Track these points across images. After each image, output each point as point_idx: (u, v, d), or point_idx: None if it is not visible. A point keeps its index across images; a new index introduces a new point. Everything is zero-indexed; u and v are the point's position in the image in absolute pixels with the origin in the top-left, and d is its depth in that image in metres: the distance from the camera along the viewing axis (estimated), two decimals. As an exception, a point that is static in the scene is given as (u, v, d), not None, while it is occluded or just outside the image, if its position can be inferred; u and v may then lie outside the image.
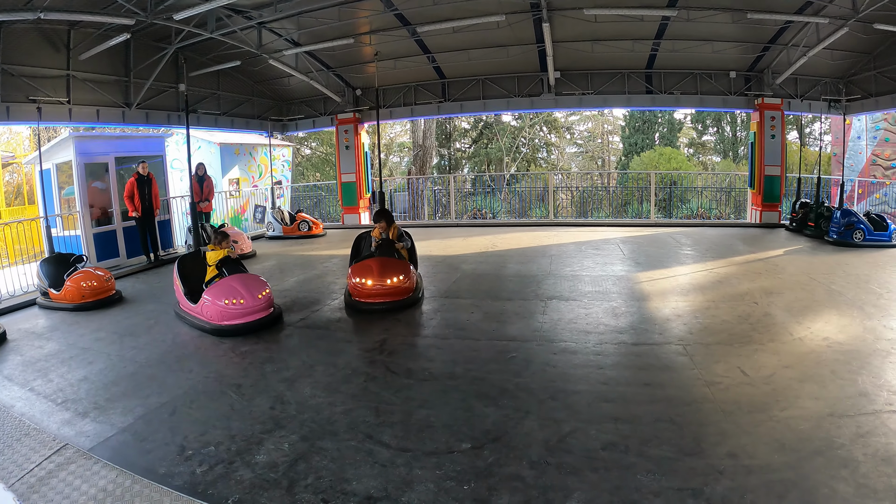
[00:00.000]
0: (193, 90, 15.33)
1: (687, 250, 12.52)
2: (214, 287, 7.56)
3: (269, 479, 3.82)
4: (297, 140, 33.42)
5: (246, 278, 7.79)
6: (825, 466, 3.83)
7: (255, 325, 7.31)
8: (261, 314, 7.47)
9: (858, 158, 20.39)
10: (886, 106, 15.23)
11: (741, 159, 32.65)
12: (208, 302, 7.43)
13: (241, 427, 4.59)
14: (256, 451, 4.19)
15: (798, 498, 3.49)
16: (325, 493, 3.66)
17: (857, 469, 3.77)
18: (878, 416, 4.51)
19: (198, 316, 7.59)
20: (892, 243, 12.39)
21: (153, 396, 5.23)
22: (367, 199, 18.74)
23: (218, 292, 7.44)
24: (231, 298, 7.32)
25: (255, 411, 4.90)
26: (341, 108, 17.99)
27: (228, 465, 4.00)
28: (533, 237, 14.80)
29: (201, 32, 12.15)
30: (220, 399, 5.18)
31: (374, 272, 8.18)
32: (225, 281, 7.62)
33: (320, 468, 3.95)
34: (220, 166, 18.48)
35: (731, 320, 7.28)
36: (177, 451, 4.21)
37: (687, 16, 12.82)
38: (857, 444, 4.10)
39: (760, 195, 16.37)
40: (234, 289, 7.45)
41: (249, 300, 7.39)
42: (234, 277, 7.69)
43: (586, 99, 16.88)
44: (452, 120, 34.58)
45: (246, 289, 7.51)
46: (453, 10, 12.84)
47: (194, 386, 5.50)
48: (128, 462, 4.06)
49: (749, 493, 3.54)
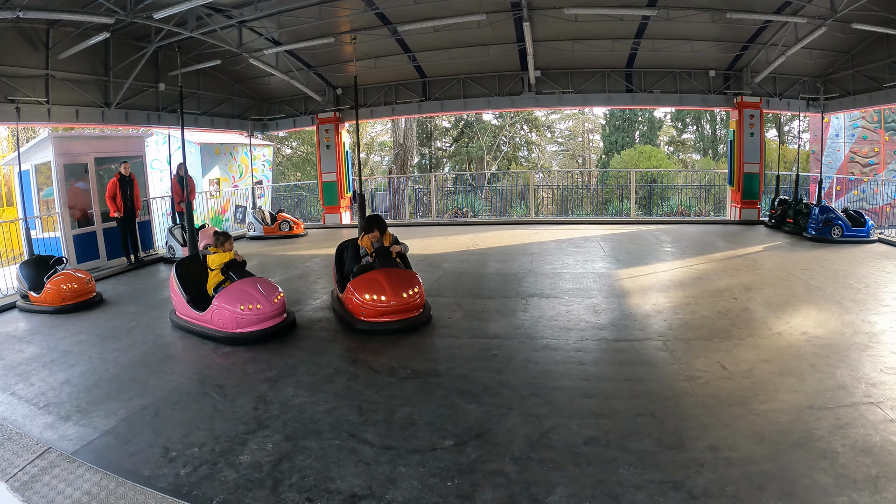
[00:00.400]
0: (173, 89, 15.21)
1: (667, 247, 12.63)
2: (227, 292, 7.04)
3: (253, 479, 3.82)
4: (278, 139, 33.32)
5: (259, 282, 7.34)
6: (805, 458, 3.89)
7: (271, 332, 6.89)
8: (276, 319, 7.07)
9: (837, 156, 20.62)
10: (864, 104, 15.45)
11: (721, 157, 32.90)
12: (220, 308, 6.90)
13: (225, 428, 4.58)
14: (240, 452, 4.18)
15: (778, 489, 3.54)
16: (309, 492, 3.67)
17: (837, 460, 3.84)
18: (857, 408, 4.59)
19: (205, 325, 7.06)
20: (870, 239, 12.60)
21: (136, 398, 5.20)
22: (348, 199, 18.72)
23: (231, 297, 6.93)
24: (247, 303, 6.85)
25: (238, 412, 4.89)
26: (322, 107, 17.95)
27: (212, 465, 3.99)
28: (514, 235, 14.86)
29: (181, 31, 12.06)
30: (202, 400, 5.16)
31: (386, 286, 7.18)
32: (237, 285, 7.15)
33: (304, 467, 3.95)
34: (201, 166, 18.41)
35: (710, 316, 7.37)
36: (161, 453, 4.20)
37: (667, 15, 12.93)
38: (836, 435, 4.18)
39: (740, 192, 16.53)
40: (248, 293, 6.98)
41: (266, 305, 6.95)
42: (245, 281, 7.25)
43: (567, 98, 16.95)
44: (433, 119, 34.63)
45: (260, 292, 7.06)
46: (434, 9, 12.86)
47: (177, 387, 5.47)
48: (112, 465, 4.04)
49: (730, 485, 3.60)
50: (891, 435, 4.14)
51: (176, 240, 12.55)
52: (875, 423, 4.32)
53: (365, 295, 7.10)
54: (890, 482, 3.56)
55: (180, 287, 7.55)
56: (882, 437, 4.11)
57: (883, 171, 19.95)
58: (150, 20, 10.96)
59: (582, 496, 3.55)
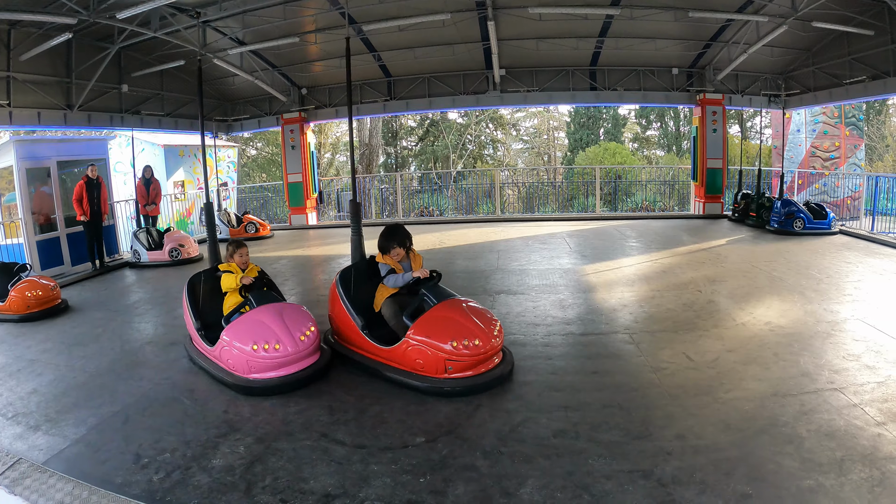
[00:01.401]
0: (137, 91, 15.02)
1: (632, 242, 12.79)
2: (237, 324, 5.53)
3: (226, 482, 3.80)
4: (243, 140, 33.04)
5: (282, 310, 5.69)
6: (770, 443, 4.00)
7: (296, 381, 5.30)
8: (305, 361, 5.47)
9: (798, 151, 21.04)
10: (825, 100, 15.79)
11: (684, 153, 33.37)
12: (229, 346, 5.43)
13: (196, 432, 4.55)
14: (212, 456, 4.15)
15: (746, 474, 3.63)
16: (283, 493, 3.66)
17: (802, 445, 3.95)
18: (820, 395, 4.73)
19: (216, 361, 5.66)
20: (832, 231, 12.90)
21: (105, 406, 5.13)
22: (314, 200, 18.65)
23: (243, 333, 5.41)
24: (262, 342, 5.27)
25: (208, 416, 4.86)
26: (287, 107, 17.83)
27: (185, 470, 3.96)
28: (480, 233, 14.93)
29: (145, 31, 11.91)
30: (172, 405, 5.11)
31: (475, 328, 5.26)
32: (252, 315, 5.59)
33: (277, 469, 3.95)
34: (165, 169, 18.16)
35: (675, 308, 7.49)
36: (132, 460, 4.15)
37: (630, 14, 13.10)
38: (800, 421, 4.30)
39: (703, 187, 16.80)
40: (265, 327, 5.41)
41: (290, 344, 5.33)
42: (265, 309, 5.64)
43: (531, 96, 17.05)
44: (398, 118, 34.58)
45: (283, 327, 5.44)
46: (399, 9, 12.84)
47: (146, 393, 5.40)
48: (83, 473, 3.98)
49: (698, 472, 3.68)
50: (854, 419, 4.27)
51: (141, 244, 12.40)
52: (838, 409, 4.45)
53: (450, 343, 5.09)
54: (854, 464, 3.67)
55: (191, 309, 6.22)
56: (846, 422, 4.24)
57: (843, 164, 20.43)
58: (112, 20, 10.77)
59: (553, 488, 3.60)
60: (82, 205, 11.46)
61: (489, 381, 5.07)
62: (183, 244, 12.56)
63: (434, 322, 5.22)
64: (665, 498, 3.45)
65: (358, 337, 5.74)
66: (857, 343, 5.92)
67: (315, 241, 15.29)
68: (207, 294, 6.44)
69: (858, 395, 4.67)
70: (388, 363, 5.44)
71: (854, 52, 13.86)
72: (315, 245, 14.67)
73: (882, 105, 31.39)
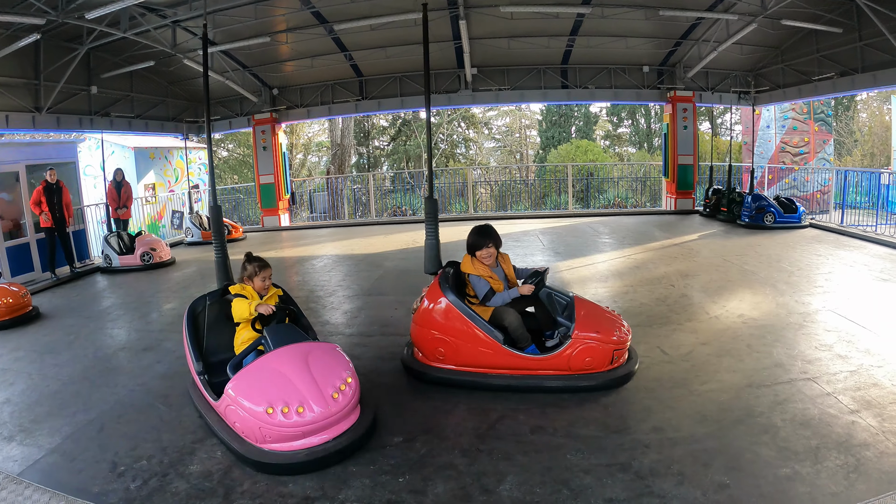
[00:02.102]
0: (106, 92, 14.81)
1: (605, 238, 12.91)
2: (247, 374, 4.14)
3: (204, 488, 3.77)
4: (214, 142, 32.71)
5: (308, 355, 4.27)
6: (747, 433, 4.06)
7: (329, 455, 3.94)
8: (340, 426, 4.08)
9: (768, 146, 21.28)
10: (793, 97, 16.08)
11: (655, 150, 33.64)
12: (236, 405, 4.05)
13: (172, 438, 4.49)
14: (189, 462, 4.11)
15: (723, 464, 3.68)
16: (261, 497, 3.64)
17: (778, 434, 4.02)
18: (794, 385, 4.81)
19: (222, 416, 4.34)
20: (802, 224, 13.13)
21: (79, 414, 5.05)
22: (286, 201, 18.55)
23: (254, 387, 4.04)
24: (279, 403, 3.90)
25: (184, 421, 4.80)
26: (258, 108, 17.71)
27: (162, 477, 3.92)
28: (453, 232, 14.79)
29: (114, 32, 11.75)
30: (148, 412, 5.04)
31: (613, 321, 5.24)
32: (268, 362, 4.17)
33: (255, 473, 3.91)
34: (135, 171, 17.95)
35: (649, 303, 7.57)
36: (109, 468, 4.09)
37: (601, 13, 13.21)
38: (775, 411, 4.37)
39: (674, 183, 17.00)
40: (284, 380, 4.02)
41: (320, 404, 3.94)
42: (284, 354, 4.22)
43: (503, 94, 17.13)
44: (370, 118, 34.48)
45: (309, 380, 4.05)
46: (370, 8, 12.80)
47: (121, 400, 5.32)
48: (60, 483, 3.92)
49: (675, 464, 3.72)
50: (828, 408, 4.35)
51: (112, 248, 12.22)
52: (812, 398, 4.53)
53: (614, 334, 5.06)
54: (830, 452, 3.74)
55: (192, 345, 4.98)
56: (820, 411, 4.32)
57: (813, 159, 20.71)
58: (81, 20, 10.61)
59: (532, 483, 3.61)
60: (41, 209, 11.23)
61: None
62: (155, 248, 12.40)
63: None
64: (643, 490, 3.48)
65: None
66: (829, 333, 6.02)
67: (288, 243, 15.23)
68: (214, 324, 5.23)
69: (831, 385, 4.76)
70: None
71: (823, 49, 14.11)
72: (288, 246, 14.62)
73: (850, 101, 31.97)
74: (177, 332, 7.36)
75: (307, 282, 10.18)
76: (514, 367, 5.01)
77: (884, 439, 3.87)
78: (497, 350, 4.98)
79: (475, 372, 5.12)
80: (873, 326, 6.17)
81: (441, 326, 5.22)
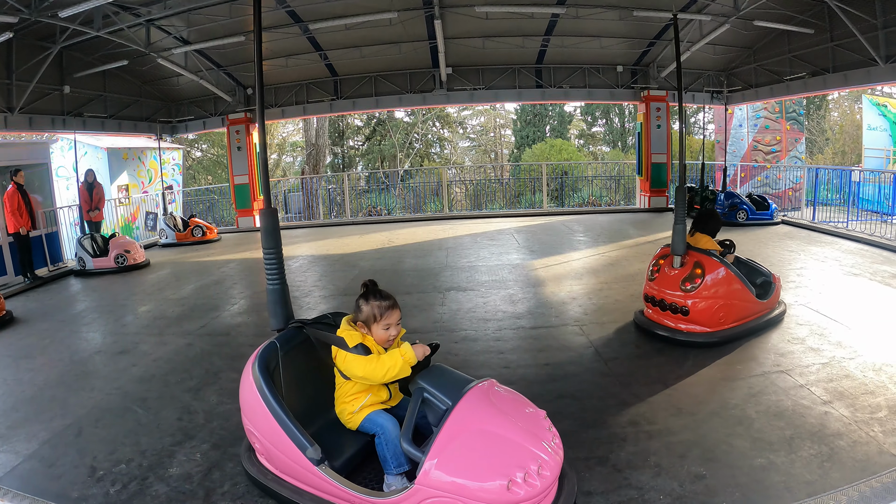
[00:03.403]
0: (79, 92, 14.62)
1: (580, 236, 13.01)
2: (450, 447, 2.90)
3: (184, 490, 3.75)
4: (188, 142, 32.48)
5: (491, 398, 3.19)
6: (722, 425, 4.14)
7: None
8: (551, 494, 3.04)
9: (741, 145, 21.61)
10: (766, 96, 16.41)
11: (629, 149, 33.97)
12: (452, 493, 2.81)
13: (151, 441, 4.46)
14: (169, 465, 4.08)
15: (699, 455, 3.75)
16: (242, 498, 3.63)
17: (752, 425, 4.10)
18: (767, 377, 4.91)
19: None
20: (774, 221, 13.39)
21: (57, 419, 4.98)
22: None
23: (473, 460, 2.86)
24: (515, 469, 2.82)
25: (162, 424, 4.76)
26: (232, 107, 17.54)
27: (142, 481, 3.89)
28: (429, 231, 14.99)
29: (87, 30, 11.56)
30: (125, 415, 4.99)
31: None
32: (464, 423, 2.98)
33: (235, 474, 3.90)
34: (108, 172, 17.76)
35: (623, 300, 7.65)
36: (88, 473, 4.05)
37: (575, 13, 13.33)
38: (749, 403, 4.46)
39: (648, 182, 17.16)
40: (502, 440, 2.95)
41: (550, 456, 2.96)
42: (475, 404, 3.10)
43: (478, 94, 17.18)
44: (345, 117, 34.39)
45: (525, 433, 3.02)
46: (345, 7, 12.78)
47: (98, 404, 5.27)
48: (39, 489, 3.88)
49: (652, 456, 3.78)
50: (801, 399, 4.44)
51: (86, 251, 12.06)
52: (785, 389, 4.63)
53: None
54: (804, 441, 3.83)
55: (290, 421, 3.38)
56: (793, 402, 4.41)
57: (785, 157, 21.09)
58: (55, 19, 10.42)
59: (510, 479, 3.65)
60: (22, 214, 11.02)
61: None
62: (129, 250, 12.27)
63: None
64: (622, 482, 3.53)
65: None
66: (802, 327, 6.14)
67: (263, 244, 15.11)
68: (291, 378, 3.85)
69: (804, 377, 4.86)
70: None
71: (795, 49, 14.35)
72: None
73: (822, 100, 32.48)
74: (152, 334, 7.38)
75: (283, 282, 10.17)
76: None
77: (856, 429, 3.96)
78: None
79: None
80: (845, 320, 6.30)
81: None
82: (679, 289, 5.94)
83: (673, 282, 6.05)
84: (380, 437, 3.30)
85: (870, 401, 4.39)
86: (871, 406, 4.30)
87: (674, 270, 6.12)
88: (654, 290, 6.22)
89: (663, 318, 6.09)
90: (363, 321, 3.52)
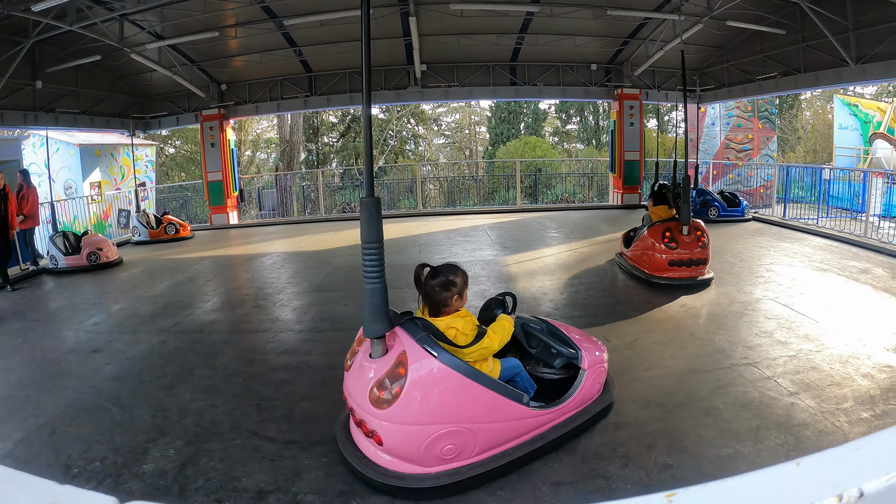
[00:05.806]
0: (51, 87, 14.43)
1: (552, 233, 13.14)
2: (584, 341, 4.38)
3: (159, 486, 3.74)
4: (161, 139, 32.19)
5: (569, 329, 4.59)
6: (690, 416, 4.22)
7: None
8: None
9: (713, 143, 21.92)
10: (738, 95, 16.66)
11: (603, 146, 34.21)
12: (598, 358, 4.29)
13: (125, 439, 4.44)
14: (143, 461, 4.07)
15: (667, 445, 3.83)
16: (216, 493, 3.64)
17: (720, 416, 4.19)
18: (735, 369, 5.01)
19: None
20: (745, 218, 13.63)
21: (30, 418, 4.94)
22: (234, 198, 18.34)
23: (594, 343, 4.45)
24: (601, 349, 4.41)
25: (136, 421, 4.74)
26: (206, 103, 17.43)
27: (116, 478, 3.88)
28: (402, 228, 15.02)
29: (60, 25, 11.37)
30: (99, 413, 4.96)
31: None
32: (578, 332, 4.57)
33: (209, 469, 3.91)
34: (81, 169, 17.58)
35: (595, 294, 7.78)
36: (62, 472, 4.03)
37: (550, 11, 13.43)
38: (717, 394, 4.55)
39: (621, 179, 17.37)
40: (591, 339, 4.55)
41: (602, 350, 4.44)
42: (571, 328, 4.63)
43: (452, 91, 17.27)
44: (320, 114, 34.28)
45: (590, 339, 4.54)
46: (320, 3, 12.74)
47: (72, 403, 5.23)
48: (14, 489, 3.88)
49: (620, 447, 3.84)
50: (768, 391, 4.54)
51: (58, 249, 11.91)
52: (753, 381, 4.73)
53: None
54: (770, 432, 3.92)
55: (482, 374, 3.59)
56: (760, 393, 4.51)
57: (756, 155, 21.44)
58: (28, 13, 10.31)
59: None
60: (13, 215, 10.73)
61: None
62: (102, 248, 12.13)
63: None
64: (589, 472, 3.59)
65: None
66: (770, 321, 6.27)
67: (237, 241, 15.05)
68: None
69: (771, 369, 4.97)
70: None
71: (767, 49, 14.58)
72: (237, 244, 14.45)
73: (794, 99, 33.01)
74: (126, 333, 7.35)
75: (256, 279, 10.15)
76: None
77: (822, 419, 4.06)
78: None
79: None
80: (812, 314, 6.44)
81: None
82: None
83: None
84: (521, 374, 3.94)
85: (836, 392, 4.50)
86: (837, 397, 4.41)
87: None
88: None
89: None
90: (458, 293, 3.81)
